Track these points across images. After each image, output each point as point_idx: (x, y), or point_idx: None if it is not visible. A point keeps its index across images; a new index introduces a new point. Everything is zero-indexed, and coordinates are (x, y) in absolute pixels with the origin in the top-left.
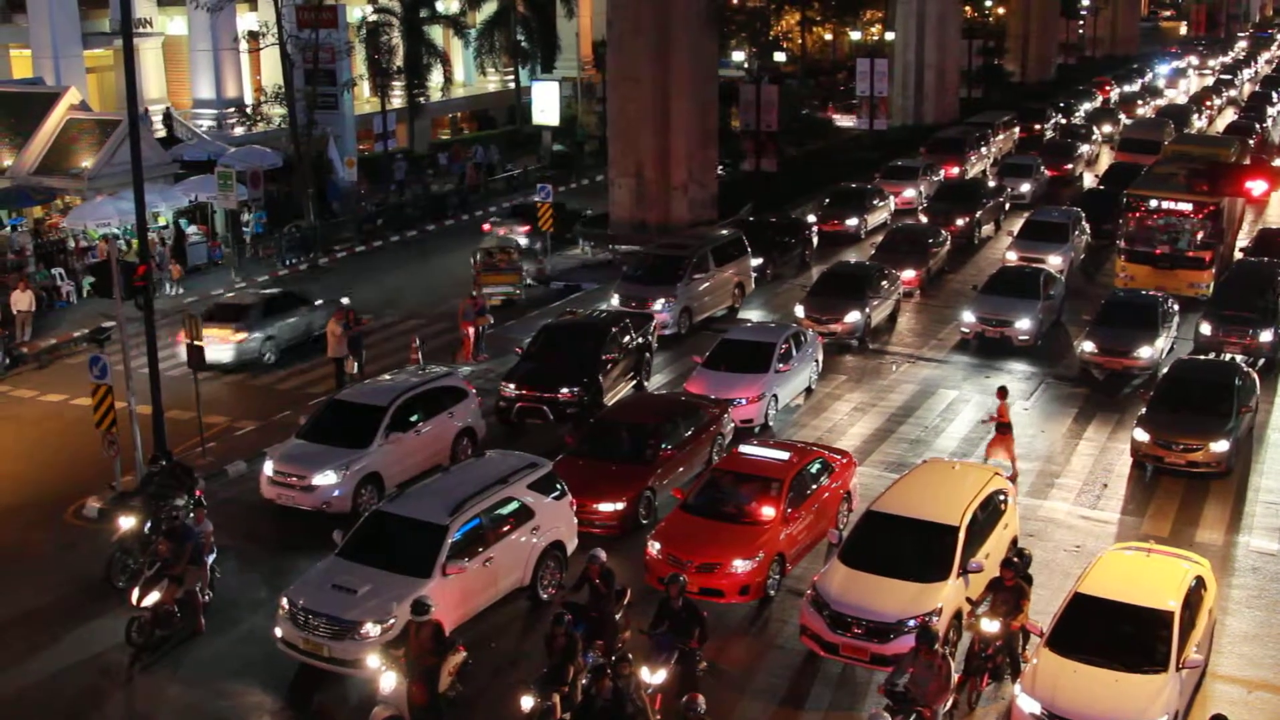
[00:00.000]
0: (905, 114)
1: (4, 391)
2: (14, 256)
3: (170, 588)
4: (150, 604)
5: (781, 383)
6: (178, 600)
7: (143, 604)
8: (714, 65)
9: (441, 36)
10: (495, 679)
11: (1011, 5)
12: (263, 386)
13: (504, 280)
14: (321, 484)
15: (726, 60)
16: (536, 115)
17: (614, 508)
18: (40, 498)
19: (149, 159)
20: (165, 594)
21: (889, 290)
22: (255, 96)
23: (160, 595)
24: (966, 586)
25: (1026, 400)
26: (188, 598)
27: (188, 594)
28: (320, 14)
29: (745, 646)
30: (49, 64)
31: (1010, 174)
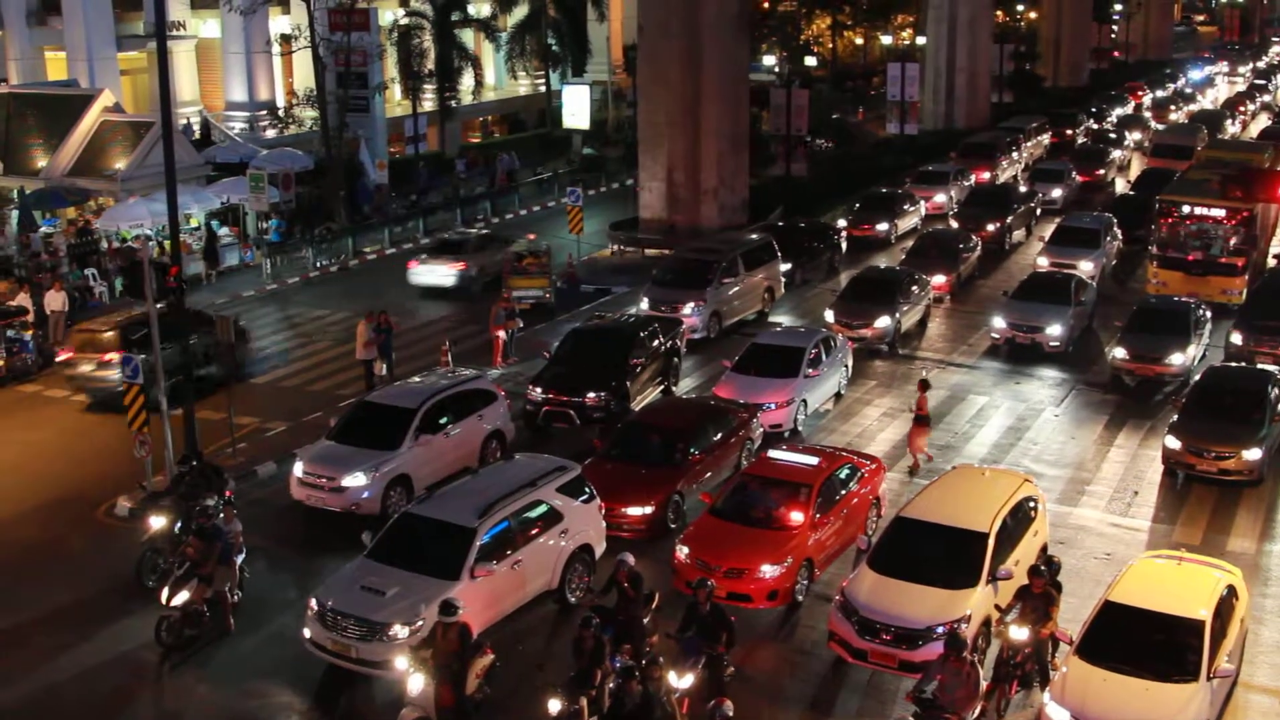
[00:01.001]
0: (936, 119)
1: (37, 391)
2: (48, 257)
3: (199, 587)
4: (179, 603)
5: (811, 388)
6: (207, 600)
7: (172, 603)
8: (744, 69)
9: (473, 40)
10: (523, 681)
11: (1043, 10)
12: (293, 388)
13: (533, 284)
14: (351, 485)
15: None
16: (567, 119)
17: (642, 512)
18: (72, 497)
19: (181, 161)
20: (194, 593)
21: (919, 295)
22: (287, 99)
23: (189, 595)
24: (995, 594)
25: (1057, 407)
26: (217, 598)
27: (217, 594)
28: (352, 17)
29: (773, 652)
30: (83, 66)
31: (1042, 179)
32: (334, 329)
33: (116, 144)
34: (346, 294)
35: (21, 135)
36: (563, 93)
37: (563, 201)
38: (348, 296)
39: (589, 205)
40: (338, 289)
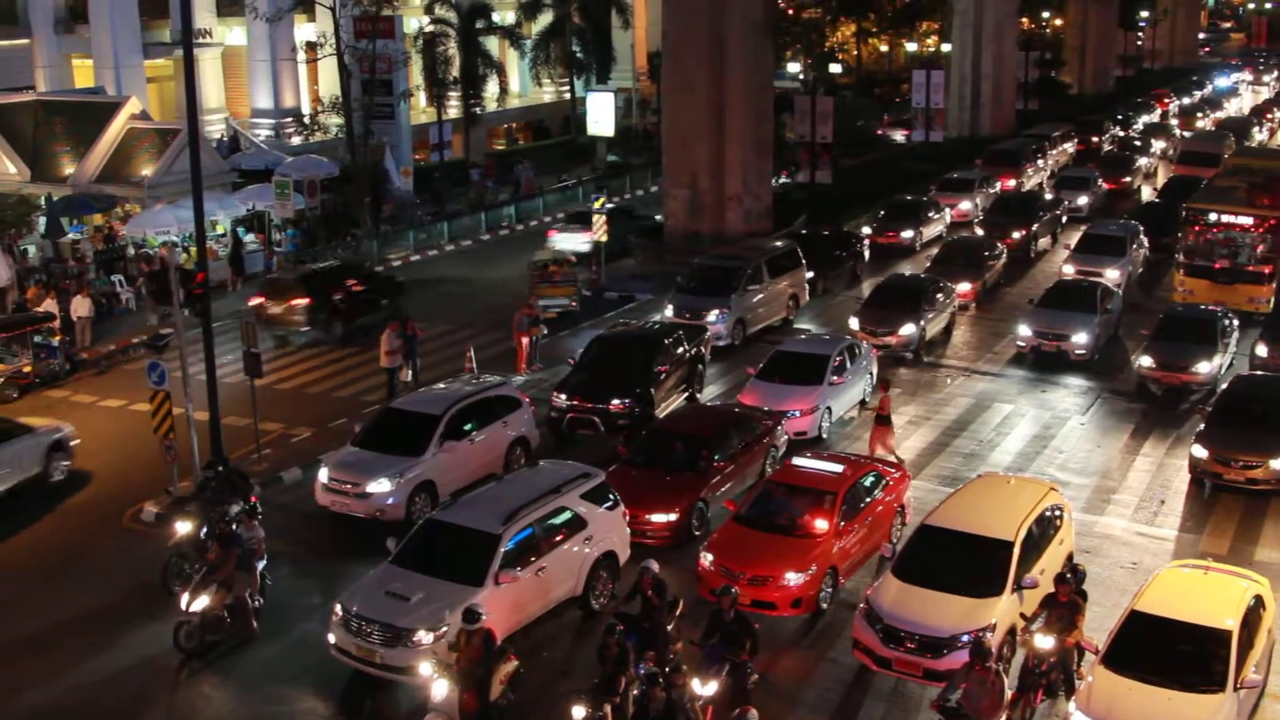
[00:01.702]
0: (961, 126)
1: (64, 396)
2: (75, 263)
3: (219, 593)
4: (198, 609)
5: (836, 395)
6: (227, 606)
7: (190, 609)
8: (769, 76)
9: (497, 47)
10: (546, 688)
11: (1069, 17)
12: (318, 394)
13: (560, 292)
14: (376, 491)
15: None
16: (591, 126)
17: (666, 519)
18: (99, 501)
19: (207, 168)
20: (214, 599)
21: (944, 303)
22: (312, 106)
23: (209, 600)
24: (1021, 602)
25: (1083, 415)
26: (238, 603)
27: (237, 599)
28: (378, 25)
29: (797, 660)
30: (110, 74)
31: (1067, 187)
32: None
33: (143, 151)
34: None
35: (49, 142)
36: (587, 99)
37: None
38: None
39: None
40: None
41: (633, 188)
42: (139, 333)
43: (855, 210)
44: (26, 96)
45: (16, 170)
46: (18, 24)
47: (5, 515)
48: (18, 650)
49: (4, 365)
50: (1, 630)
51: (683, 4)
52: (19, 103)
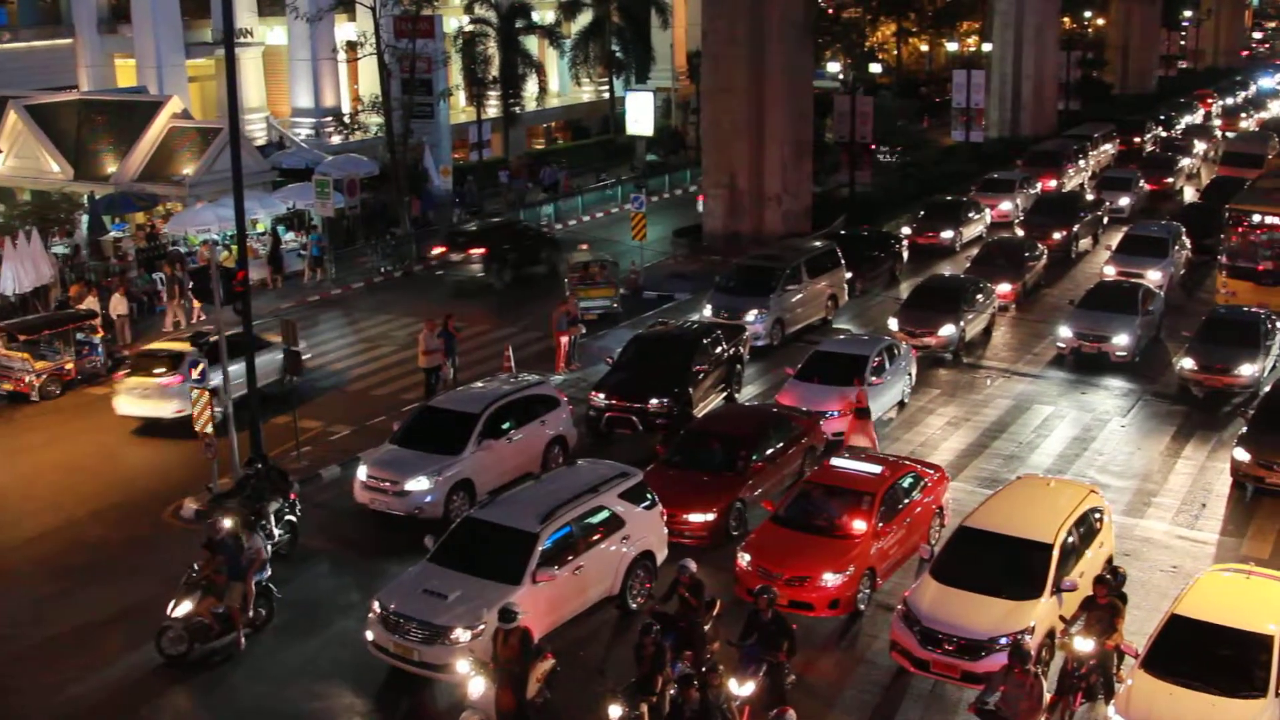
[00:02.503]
0: (1002, 126)
1: (106, 393)
2: (117, 261)
3: (205, 600)
4: (180, 615)
5: (875, 396)
6: (215, 614)
7: (173, 614)
8: (809, 76)
9: (537, 46)
10: (583, 687)
11: (1111, 16)
12: (357, 392)
13: (601, 293)
14: (414, 489)
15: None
16: (630, 125)
17: (704, 518)
18: (139, 498)
19: (248, 166)
20: (198, 606)
21: (984, 304)
22: (353, 105)
23: (191, 606)
24: (1060, 605)
25: (1123, 417)
26: (227, 613)
27: (227, 609)
28: (418, 24)
29: (834, 661)
30: (152, 73)
31: (1109, 187)
32: (398, 334)
33: (184, 150)
34: (410, 299)
35: (92, 141)
36: (626, 99)
37: (625, 208)
38: (411, 302)
39: (652, 211)
40: (401, 294)
41: (671, 187)
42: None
43: (895, 211)
44: (70, 96)
45: (60, 169)
46: (61, 24)
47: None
48: (59, 646)
49: (47, 362)
50: (43, 625)
51: (723, 3)
52: (62, 102)
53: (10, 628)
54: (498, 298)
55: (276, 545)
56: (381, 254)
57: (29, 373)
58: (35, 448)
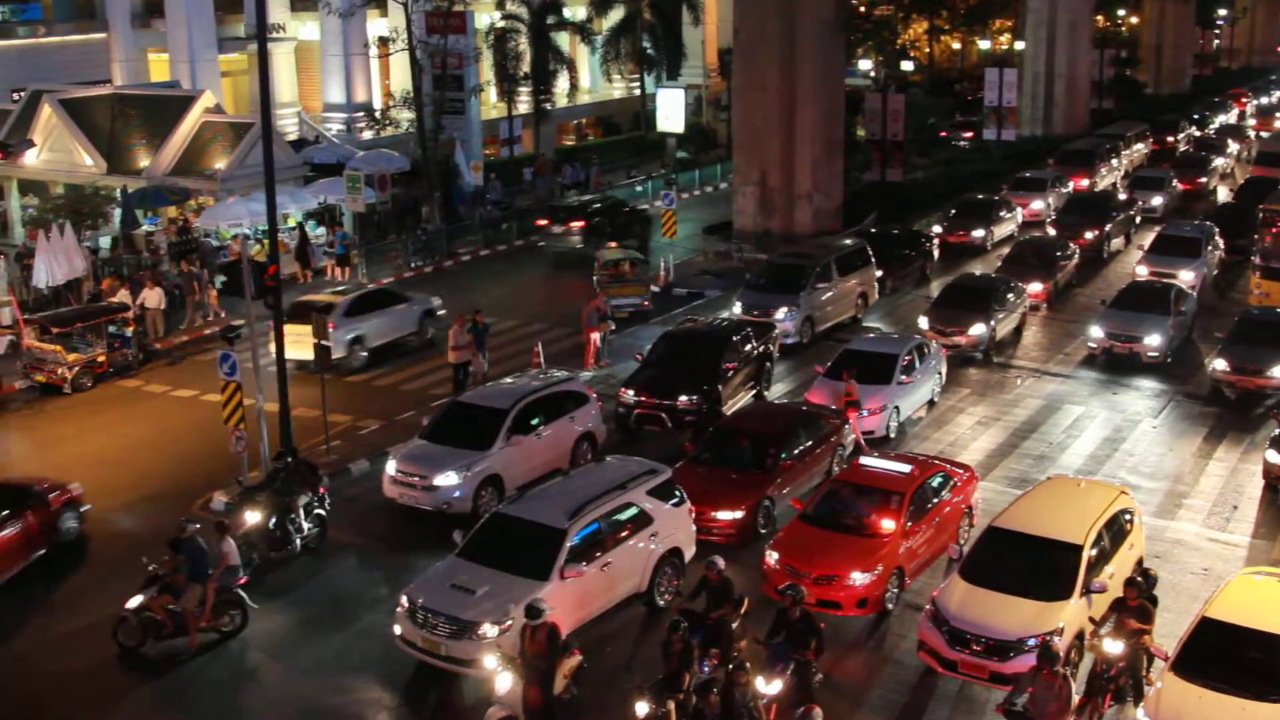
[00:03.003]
0: (1034, 125)
1: (137, 386)
2: (149, 255)
3: (160, 597)
4: (132, 607)
5: (904, 394)
6: (169, 612)
7: (126, 605)
8: (841, 73)
9: (568, 43)
10: (610, 684)
11: (1145, 15)
12: (386, 387)
13: (631, 291)
14: (443, 484)
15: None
16: (661, 122)
17: (733, 516)
18: (170, 490)
19: (280, 161)
20: (151, 601)
21: (1015, 303)
22: (384, 101)
23: (142, 600)
24: (1090, 606)
25: (1155, 418)
26: (183, 614)
27: (183, 609)
28: (449, 20)
29: (862, 660)
30: (185, 68)
31: (1141, 187)
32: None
33: (217, 144)
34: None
35: (125, 135)
36: (657, 96)
37: (656, 205)
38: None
39: (682, 208)
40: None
41: (701, 184)
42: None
43: (927, 209)
44: (103, 90)
45: (93, 163)
46: (95, 19)
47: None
48: (89, 637)
49: (79, 355)
50: (75, 616)
51: (754, 0)
52: (96, 96)
53: (40, 617)
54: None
55: (306, 539)
56: (412, 249)
57: (61, 365)
58: (67, 439)
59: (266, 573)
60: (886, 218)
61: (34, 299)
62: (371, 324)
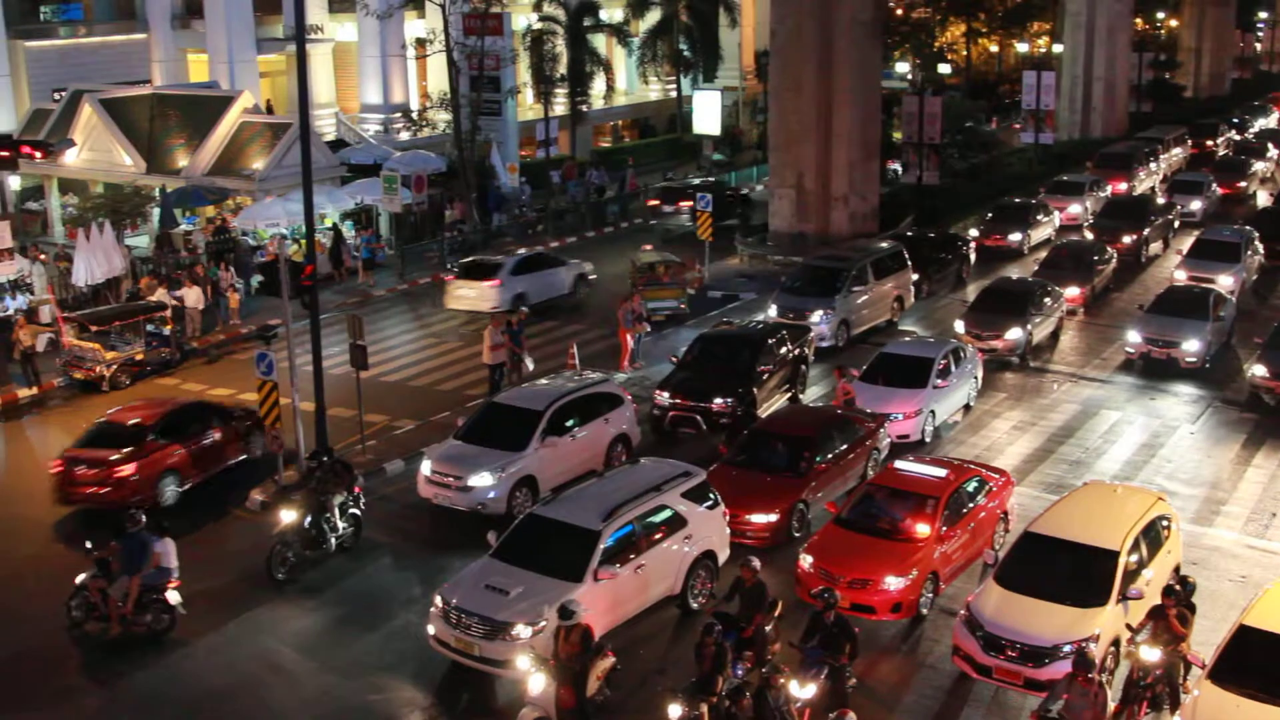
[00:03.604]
0: (1072, 128)
1: (175, 384)
2: (187, 254)
3: (96, 580)
4: (77, 582)
5: (940, 399)
6: (102, 595)
7: (75, 581)
8: (877, 76)
9: (604, 45)
10: (643, 686)
11: (1184, 18)
12: (422, 388)
13: (668, 294)
14: (477, 485)
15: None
16: (697, 124)
17: (767, 519)
18: (206, 488)
19: (317, 162)
20: (90, 582)
21: (1052, 307)
22: (421, 102)
23: (84, 579)
24: (1126, 613)
25: (1193, 424)
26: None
27: (109, 596)
28: (487, 22)
29: (896, 665)
30: (224, 68)
31: (1180, 191)
32: (464, 329)
33: (255, 144)
34: None
35: (164, 135)
36: (693, 98)
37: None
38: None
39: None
40: None
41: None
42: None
43: (963, 212)
44: (143, 90)
45: (132, 162)
46: (135, 19)
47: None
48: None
49: (117, 353)
50: None
51: (791, 3)
52: (135, 96)
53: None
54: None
55: (341, 538)
56: (448, 250)
57: (100, 362)
58: None
59: (302, 571)
60: (923, 220)
61: (73, 297)
62: (533, 283)
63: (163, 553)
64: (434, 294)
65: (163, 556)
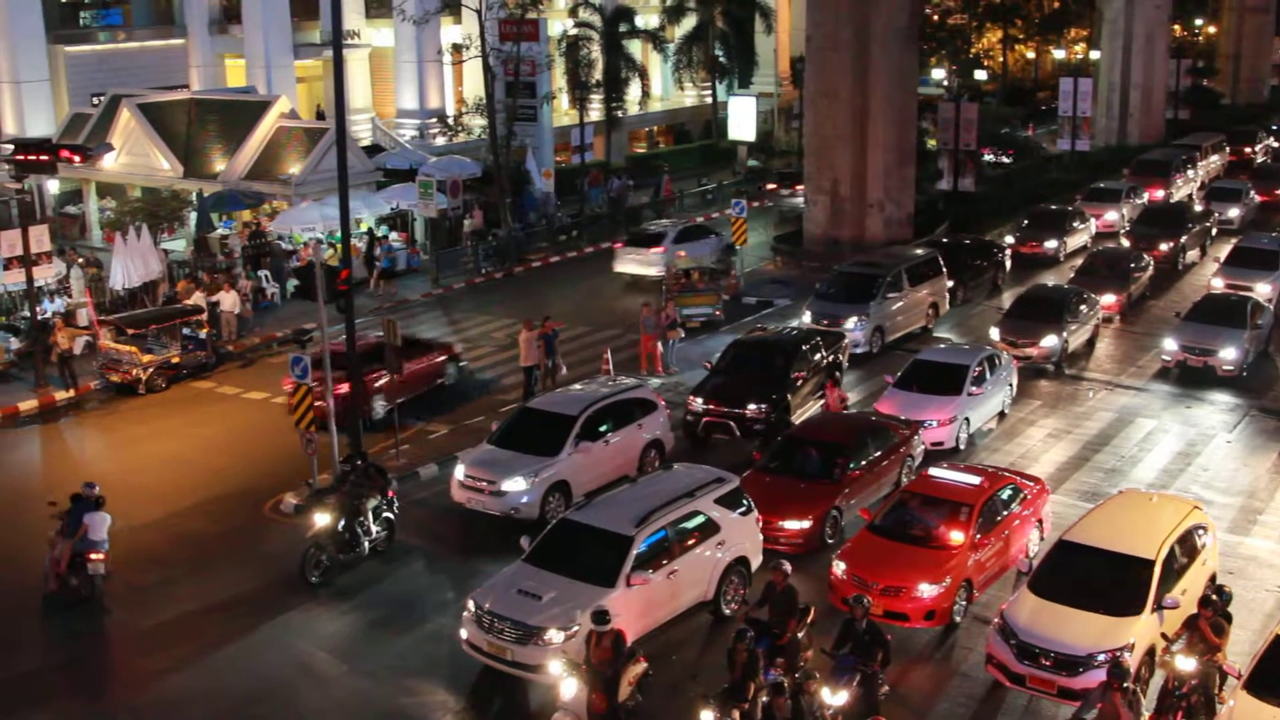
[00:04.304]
0: (1108, 135)
1: (210, 388)
2: (224, 258)
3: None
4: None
5: (974, 406)
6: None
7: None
8: (913, 82)
9: (640, 50)
10: (675, 692)
11: (1222, 24)
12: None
13: (703, 301)
14: (511, 490)
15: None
16: (733, 130)
17: (800, 526)
18: (241, 491)
19: (353, 167)
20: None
21: (1088, 315)
22: (457, 107)
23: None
24: (1161, 623)
25: (1229, 433)
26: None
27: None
28: (522, 27)
29: (928, 673)
30: (261, 73)
31: (1218, 198)
32: (498, 334)
33: (291, 149)
34: (510, 300)
35: (202, 140)
36: (729, 104)
37: (727, 213)
38: (512, 303)
39: (753, 217)
40: (502, 295)
41: None
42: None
43: (999, 219)
44: (181, 95)
45: (170, 166)
46: (174, 24)
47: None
48: (162, 635)
49: (153, 356)
50: (147, 615)
51: (827, 8)
52: (174, 101)
53: (113, 615)
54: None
55: (374, 542)
56: (483, 255)
57: (136, 365)
58: (140, 439)
59: (335, 575)
60: (959, 227)
61: (110, 300)
62: (690, 249)
63: (90, 524)
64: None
65: (90, 528)
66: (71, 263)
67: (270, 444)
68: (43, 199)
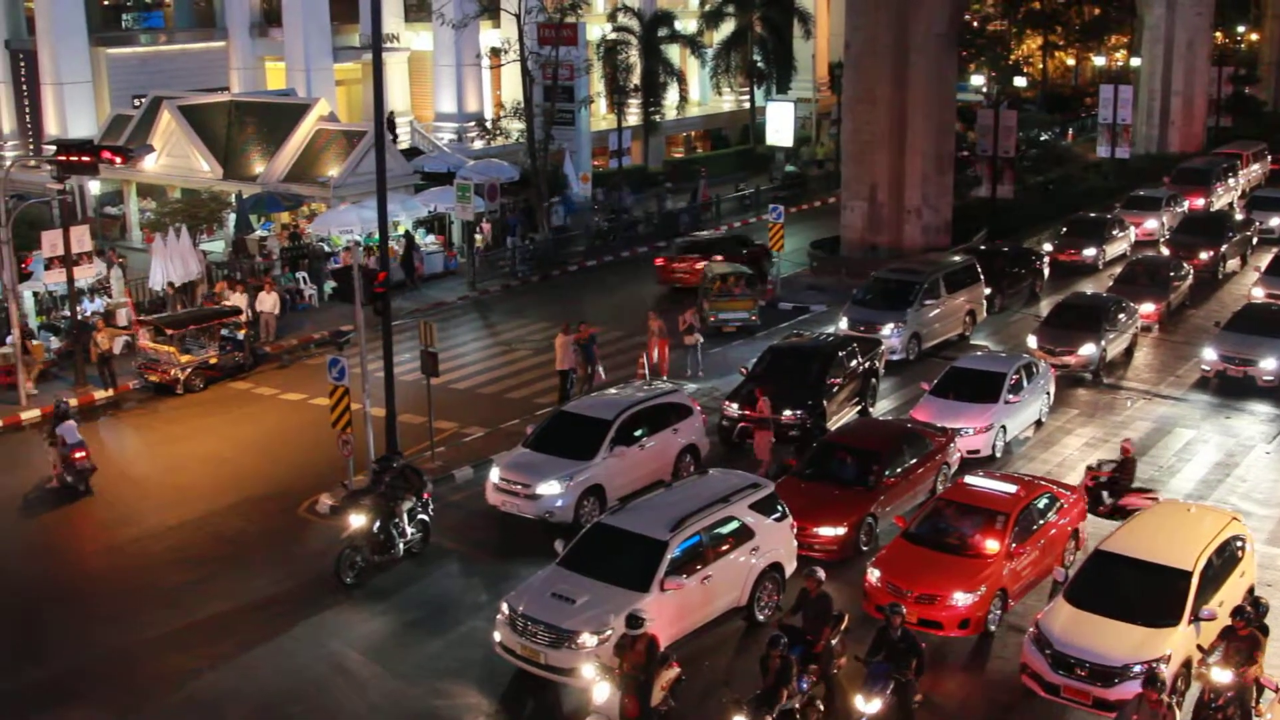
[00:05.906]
0: (1149, 142)
1: (248, 389)
2: (262, 260)
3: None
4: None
5: (1011, 414)
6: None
7: None
8: (952, 88)
9: (678, 55)
10: (707, 697)
11: (1264, 31)
12: (492, 395)
13: (739, 306)
14: (545, 493)
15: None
16: (770, 135)
17: (835, 532)
18: (277, 492)
19: (391, 169)
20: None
21: (1126, 323)
22: (495, 111)
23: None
24: (1198, 634)
25: (1269, 443)
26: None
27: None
28: (561, 32)
29: (962, 681)
30: (301, 76)
31: (1259, 207)
32: (533, 338)
33: (330, 152)
34: (547, 303)
35: (241, 142)
36: (767, 109)
37: (764, 218)
38: (547, 306)
39: (790, 222)
40: (539, 299)
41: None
42: (321, 329)
43: (1037, 226)
44: (221, 97)
45: (210, 168)
46: (215, 27)
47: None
48: (197, 634)
49: (191, 356)
50: (182, 614)
51: (866, 14)
52: (214, 103)
53: (149, 613)
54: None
55: (409, 544)
56: (520, 258)
57: (174, 366)
58: (178, 439)
59: (370, 576)
60: (997, 234)
61: (149, 300)
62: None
63: (63, 433)
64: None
65: (65, 435)
66: (112, 263)
67: (306, 444)
68: (84, 199)
